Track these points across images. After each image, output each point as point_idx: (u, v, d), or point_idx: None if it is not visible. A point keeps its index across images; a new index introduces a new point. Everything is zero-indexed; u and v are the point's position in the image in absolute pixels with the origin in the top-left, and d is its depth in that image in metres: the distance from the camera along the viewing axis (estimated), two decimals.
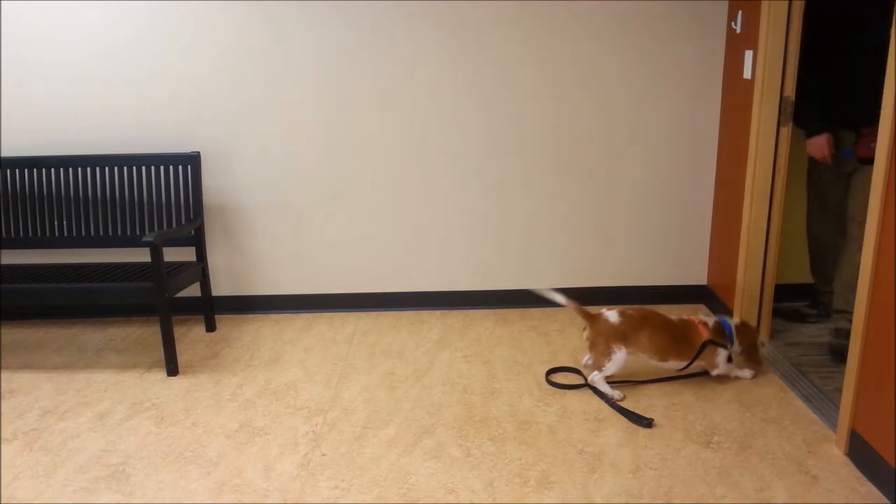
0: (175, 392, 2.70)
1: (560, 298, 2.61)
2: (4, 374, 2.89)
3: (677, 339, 2.53)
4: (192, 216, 3.18)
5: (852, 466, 2.09)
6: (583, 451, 2.20)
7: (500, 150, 3.29)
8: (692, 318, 2.59)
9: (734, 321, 2.64)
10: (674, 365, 2.57)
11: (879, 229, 1.96)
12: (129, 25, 3.13)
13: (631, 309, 2.57)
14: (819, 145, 2.73)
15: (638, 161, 3.30)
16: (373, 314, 3.46)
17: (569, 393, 2.58)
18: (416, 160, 3.31)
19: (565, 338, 3.08)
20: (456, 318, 3.38)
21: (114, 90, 3.21)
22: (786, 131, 2.75)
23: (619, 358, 2.50)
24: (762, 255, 2.87)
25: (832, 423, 2.29)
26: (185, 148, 3.27)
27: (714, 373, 2.60)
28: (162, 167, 3.17)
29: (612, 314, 2.55)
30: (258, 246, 3.43)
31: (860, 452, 2.07)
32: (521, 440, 2.28)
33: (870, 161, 2.45)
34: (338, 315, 3.46)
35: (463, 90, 3.21)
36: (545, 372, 2.74)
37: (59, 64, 3.18)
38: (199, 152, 3.18)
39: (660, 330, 2.52)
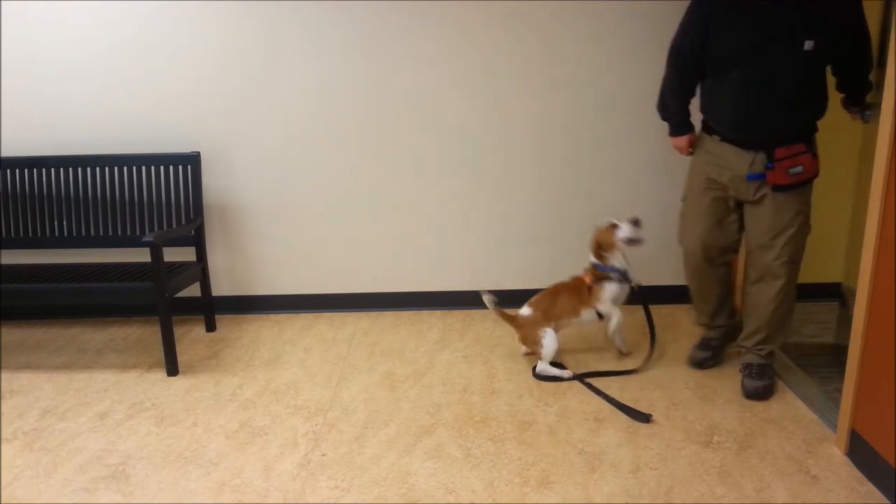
0: (175, 392, 2.70)
1: (487, 301, 2.81)
2: (4, 374, 2.89)
3: (574, 294, 2.80)
4: (192, 216, 3.18)
5: (852, 466, 2.08)
6: (583, 451, 2.20)
7: (499, 150, 3.29)
8: (581, 274, 2.82)
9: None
10: (587, 315, 2.79)
11: (880, 229, 1.96)
12: (130, 25, 3.13)
13: (536, 296, 2.85)
14: (681, 146, 2.58)
15: (638, 161, 3.30)
16: (373, 314, 3.46)
17: (569, 393, 2.58)
18: (416, 160, 3.31)
19: (565, 338, 3.08)
20: (456, 318, 3.38)
21: (114, 90, 3.22)
22: None
23: (548, 341, 2.72)
24: None
25: (832, 423, 2.29)
26: (185, 148, 3.27)
27: (600, 308, 2.76)
28: (162, 167, 3.17)
29: (525, 310, 2.83)
30: (258, 246, 3.43)
31: (860, 452, 2.07)
32: (521, 440, 2.28)
33: (784, 188, 2.32)
34: (338, 315, 3.46)
35: (464, 90, 3.21)
36: (532, 367, 2.79)
37: (59, 64, 3.18)
38: (199, 152, 3.19)
39: (561, 295, 2.81)
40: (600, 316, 2.79)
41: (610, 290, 2.74)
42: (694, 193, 2.54)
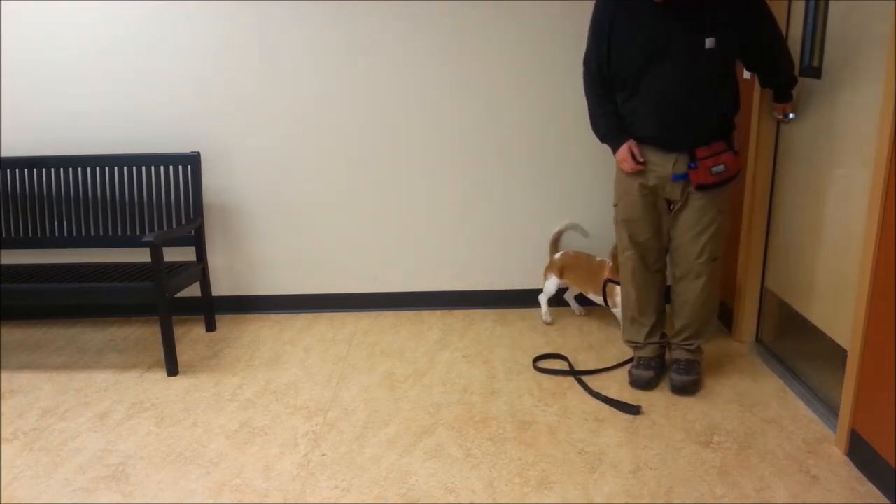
0: (175, 392, 2.70)
1: (574, 227, 3.23)
2: (4, 374, 2.89)
3: (591, 276, 3.06)
4: (192, 216, 3.18)
5: (852, 466, 2.09)
6: (583, 451, 2.20)
7: (500, 150, 3.29)
8: (606, 259, 3.02)
9: None
10: (592, 297, 3.09)
11: (879, 229, 1.96)
12: (129, 25, 3.13)
13: (573, 251, 3.18)
14: (624, 157, 2.42)
15: None
16: (373, 314, 3.46)
17: (569, 393, 2.58)
18: (416, 160, 3.31)
19: (565, 337, 3.08)
20: (456, 318, 3.38)
21: (113, 90, 3.22)
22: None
23: (549, 284, 3.22)
24: (762, 254, 2.87)
25: (832, 423, 2.29)
26: (185, 148, 3.27)
27: (612, 308, 3.00)
28: (162, 167, 3.17)
29: (558, 254, 3.21)
30: (258, 246, 3.43)
31: (860, 452, 2.07)
32: (521, 440, 2.28)
33: (708, 187, 2.34)
34: (338, 315, 3.46)
35: (465, 90, 3.21)
36: (532, 358, 2.84)
37: (59, 64, 3.18)
38: (199, 152, 3.19)
39: (581, 268, 3.10)
40: (605, 302, 3.00)
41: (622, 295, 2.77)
42: (626, 199, 2.51)
